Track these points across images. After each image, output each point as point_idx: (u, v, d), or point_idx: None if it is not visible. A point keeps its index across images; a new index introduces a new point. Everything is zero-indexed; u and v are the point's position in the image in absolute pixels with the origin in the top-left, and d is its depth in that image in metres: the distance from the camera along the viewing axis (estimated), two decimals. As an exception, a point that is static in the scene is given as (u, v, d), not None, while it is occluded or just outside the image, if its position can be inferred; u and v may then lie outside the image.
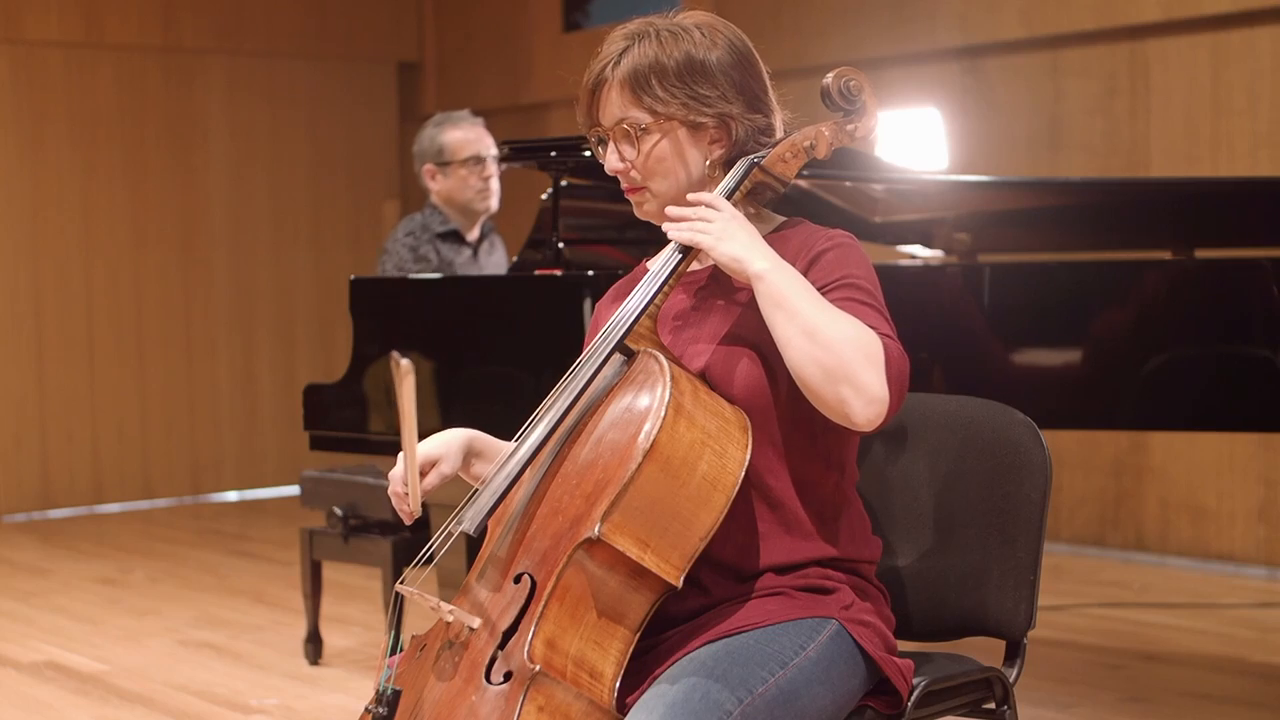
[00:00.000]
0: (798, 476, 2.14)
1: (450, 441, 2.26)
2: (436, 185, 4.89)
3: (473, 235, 4.92)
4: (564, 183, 4.24)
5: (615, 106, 2.19)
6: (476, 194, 4.86)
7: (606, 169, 2.23)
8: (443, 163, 4.86)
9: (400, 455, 2.15)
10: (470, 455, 2.29)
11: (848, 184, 4.22)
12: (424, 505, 2.18)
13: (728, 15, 2.26)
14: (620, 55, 2.18)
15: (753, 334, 2.11)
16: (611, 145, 2.21)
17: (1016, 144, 6.69)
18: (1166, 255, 4.30)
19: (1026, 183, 4.91)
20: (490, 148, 4.89)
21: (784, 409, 2.12)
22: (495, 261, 4.99)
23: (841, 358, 1.99)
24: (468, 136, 4.87)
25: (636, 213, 2.26)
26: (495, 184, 4.90)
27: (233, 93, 8.76)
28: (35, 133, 8.18)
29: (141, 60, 8.48)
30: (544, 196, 4.29)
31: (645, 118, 2.17)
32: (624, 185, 2.24)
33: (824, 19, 7.27)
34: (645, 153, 2.18)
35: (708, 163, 2.20)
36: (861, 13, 7.13)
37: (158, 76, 8.53)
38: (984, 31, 6.72)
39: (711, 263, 2.17)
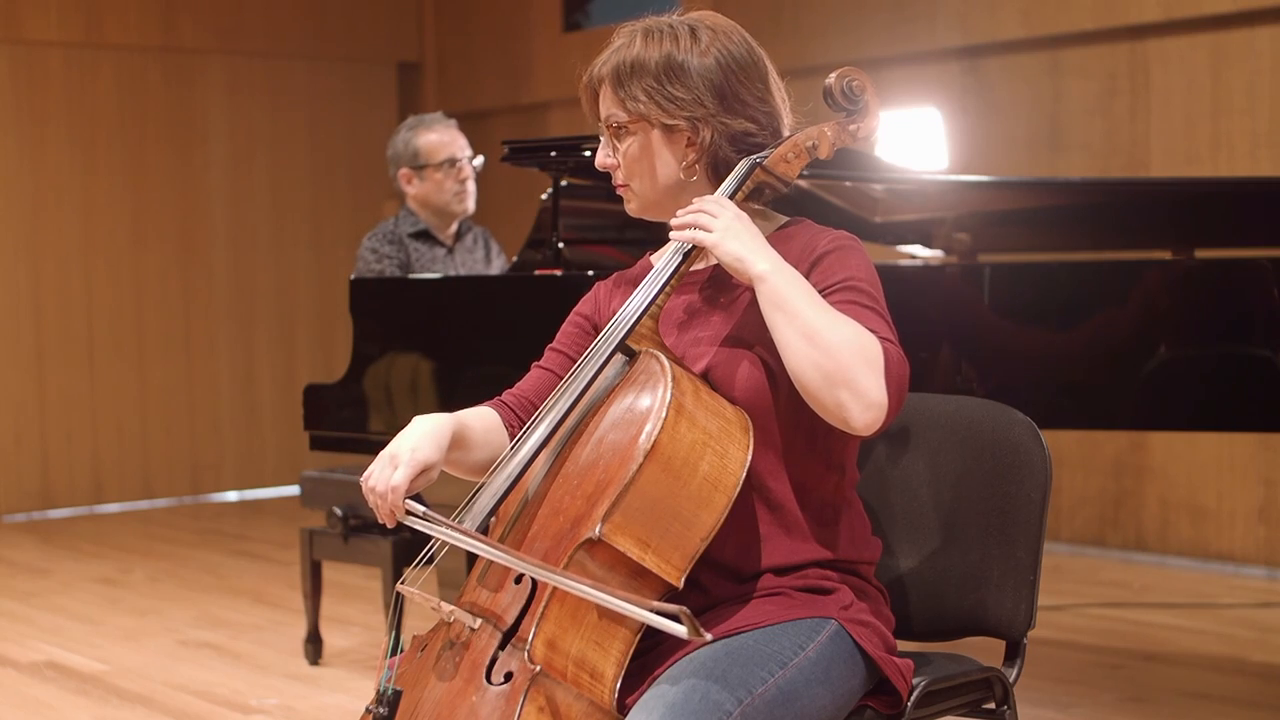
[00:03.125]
0: (798, 478, 2.14)
1: (440, 443, 2.14)
2: (413, 189, 4.86)
3: (447, 235, 4.92)
4: (564, 183, 4.24)
5: (605, 102, 2.21)
6: (453, 196, 4.84)
7: (595, 163, 2.25)
8: (418, 166, 4.84)
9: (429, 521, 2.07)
10: (452, 448, 2.18)
11: (848, 184, 4.22)
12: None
13: (727, 15, 2.25)
14: (614, 52, 2.20)
15: (755, 335, 2.11)
16: (603, 140, 2.24)
17: (1016, 144, 6.69)
18: (1167, 255, 4.30)
19: (1026, 183, 4.90)
20: (464, 149, 4.88)
21: (785, 411, 2.11)
22: (478, 259, 4.98)
23: (840, 362, 1.98)
24: (442, 139, 4.86)
25: (626, 208, 2.27)
26: (471, 185, 4.88)
27: (233, 93, 8.76)
28: (35, 133, 8.17)
29: (141, 60, 8.47)
30: (544, 196, 4.29)
31: (623, 115, 2.18)
32: (613, 181, 2.26)
33: (824, 19, 7.27)
34: (623, 151, 2.20)
35: (682, 166, 2.19)
36: (861, 13, 7.13)
37: (158, 76, 8.53)
38: (984, 31, 6.72)
39: (714, 263, 2.18)
